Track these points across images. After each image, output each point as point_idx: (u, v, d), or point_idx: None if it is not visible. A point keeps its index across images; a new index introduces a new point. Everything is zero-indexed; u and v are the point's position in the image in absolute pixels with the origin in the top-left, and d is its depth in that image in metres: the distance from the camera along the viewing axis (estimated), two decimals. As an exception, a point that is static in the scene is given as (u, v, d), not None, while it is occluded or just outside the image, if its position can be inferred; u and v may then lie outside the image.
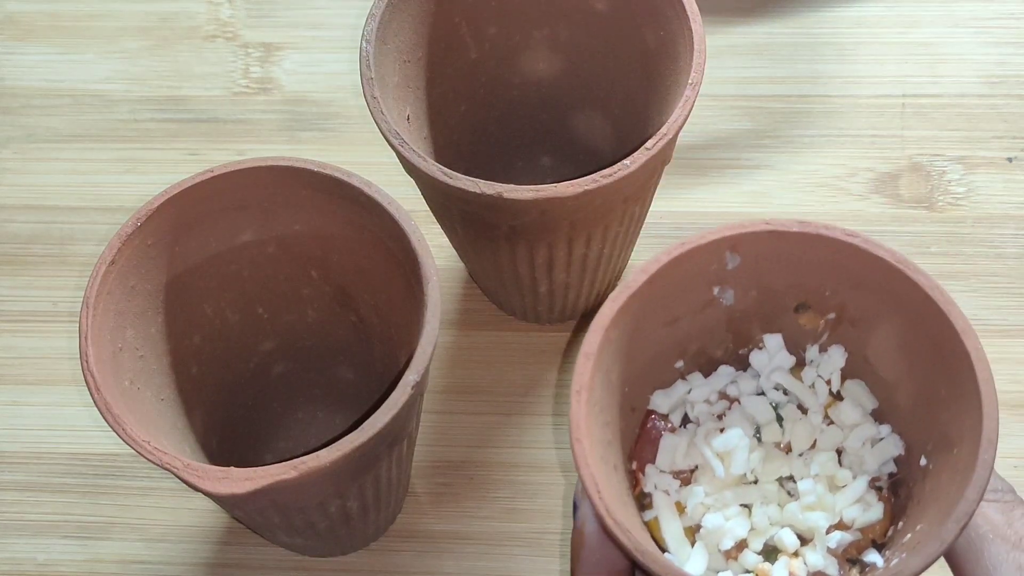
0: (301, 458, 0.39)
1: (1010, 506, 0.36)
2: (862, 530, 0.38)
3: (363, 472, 0.42)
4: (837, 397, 0.40)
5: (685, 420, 0.40)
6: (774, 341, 0.40)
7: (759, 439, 0.39)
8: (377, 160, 0.49)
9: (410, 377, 0.40)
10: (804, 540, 0.38)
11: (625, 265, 0.55)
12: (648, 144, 0.44)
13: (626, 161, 0.43)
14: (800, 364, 0.40)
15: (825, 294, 0.38)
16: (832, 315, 0.39)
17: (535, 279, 0.50)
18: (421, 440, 0.49)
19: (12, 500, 0.53)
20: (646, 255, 0.55)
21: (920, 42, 0.62)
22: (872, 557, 0.37)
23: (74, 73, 0.64)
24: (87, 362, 0.41)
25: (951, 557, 0.36)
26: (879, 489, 0.38)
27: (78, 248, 0.59)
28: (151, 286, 0.44)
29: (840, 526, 0.38)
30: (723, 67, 0.62)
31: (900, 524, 0.37)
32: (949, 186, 0.58)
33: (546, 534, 0.52)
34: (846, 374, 0.40)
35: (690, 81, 0.44)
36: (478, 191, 0.43)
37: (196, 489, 0.39)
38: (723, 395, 0.40)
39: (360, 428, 0.39)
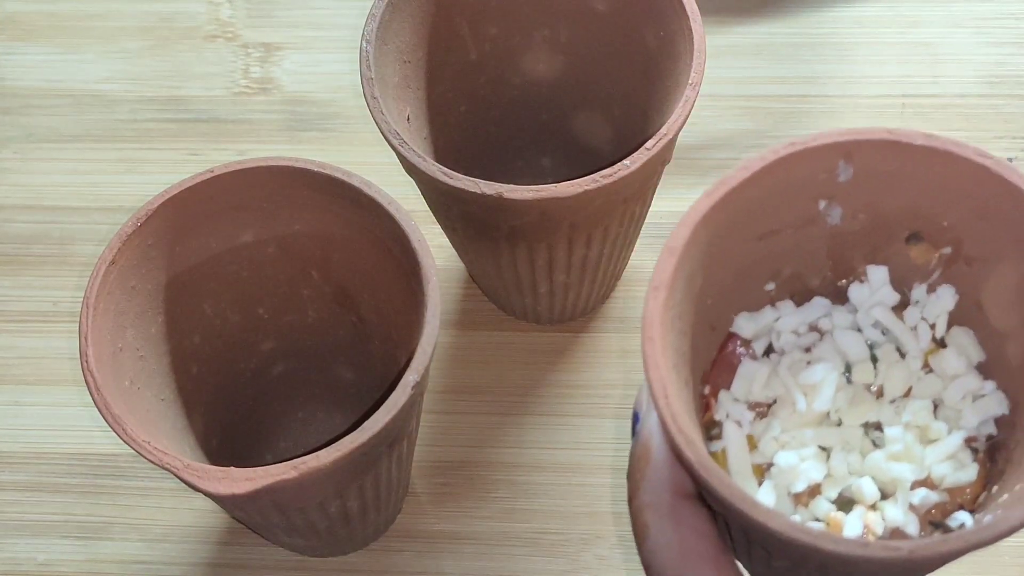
0: (301, 458, 0.39)
1: None
2: (950, 491, 0.34)
3: (363, 472, 0.42)
4: (940, 344, 0.36)
5: (768, 351, 0.36)
6: (878, 274, 0.36)
7: (848, 380, 0.36)
8: (377, 160, 0.49)
9: (410, 377, 0.40)
10: (885, 495, 0.34)
11: (625, 266, 0.55)
12: (648, 144, 0.44)
13: (626, 161, 0.43)
14: (903, 304, 0.36)
15: (943, 224, 0.34)
16: (947, 249, 0.35)
17: (535, 279, 0.50)
18: (421, 440, 0.49)
19: (12, 500, 0.53)
20: (646, 255, 0.55)
21: (920, 42, 0.62)
22: (962, 517, 0.33)
23: (74, 73, 0.64)
24: (87, 362, 0.40)
25: None
26: (975, 451, 0.34)
27: (78, 248, 0.59)
28: (151, 286, 0.44)
29: (927, 483, 0.34)
30: (723, 67, 0.62)
31: (994, 489, 0.33)
32: (949, 186, 0.58)
33: (546, 534, 0.52)
34: (953, 319, 0.36)
35: (690, 81, 0.44)
36: (478, 191, 0.43)
37: (196, 489, 0.39)
38: (814, 328, 0.36)
39: (360, 428, 0.39)
